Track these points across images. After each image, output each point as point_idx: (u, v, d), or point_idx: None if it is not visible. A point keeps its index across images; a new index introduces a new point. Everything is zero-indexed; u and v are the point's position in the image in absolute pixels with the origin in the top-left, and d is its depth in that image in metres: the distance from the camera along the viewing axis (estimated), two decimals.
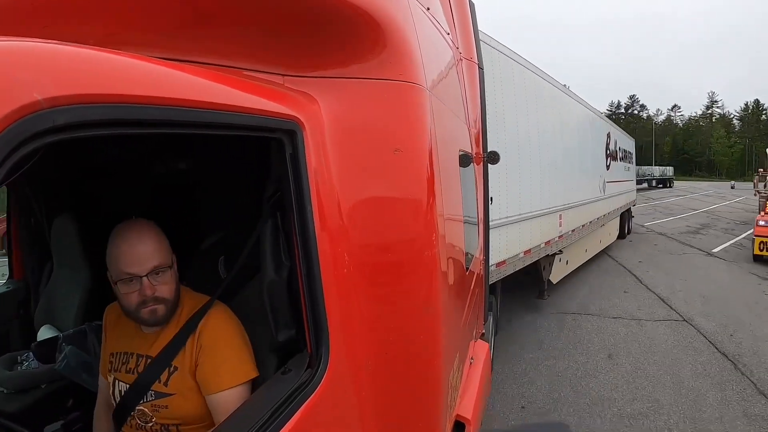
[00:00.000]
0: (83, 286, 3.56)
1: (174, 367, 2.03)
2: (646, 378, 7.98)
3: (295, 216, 1.77)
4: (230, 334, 2.07)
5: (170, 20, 1.84)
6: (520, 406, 7.05)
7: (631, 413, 6.84)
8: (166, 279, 2.00)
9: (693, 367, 8.35)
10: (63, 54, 1.12)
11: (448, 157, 2.66)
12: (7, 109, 0.91)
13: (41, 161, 1.06)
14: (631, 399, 7.27)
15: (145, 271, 1.93)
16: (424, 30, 2.53)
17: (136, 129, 1.26)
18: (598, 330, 10.25)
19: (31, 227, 4.05)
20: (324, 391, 1.77)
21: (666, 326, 10.51)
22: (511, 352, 8.88)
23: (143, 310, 1.97)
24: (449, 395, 2.52)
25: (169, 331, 2.08)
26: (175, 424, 2.05)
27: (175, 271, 2.07)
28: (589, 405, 7.09)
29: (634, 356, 8.90)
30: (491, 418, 6.16)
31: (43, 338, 3.46)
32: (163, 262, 1.99)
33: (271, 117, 1.69)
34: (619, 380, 7.93)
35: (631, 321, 10.87)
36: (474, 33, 4.77)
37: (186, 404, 2.02)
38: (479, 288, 4.41)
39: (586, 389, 7.62)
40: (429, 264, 2.12)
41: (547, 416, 5.58)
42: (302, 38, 1.98)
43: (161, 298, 1.98)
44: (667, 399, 7.24)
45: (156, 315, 1.99)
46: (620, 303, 12.25)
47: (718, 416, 6.72)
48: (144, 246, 1.96)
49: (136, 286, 1.94)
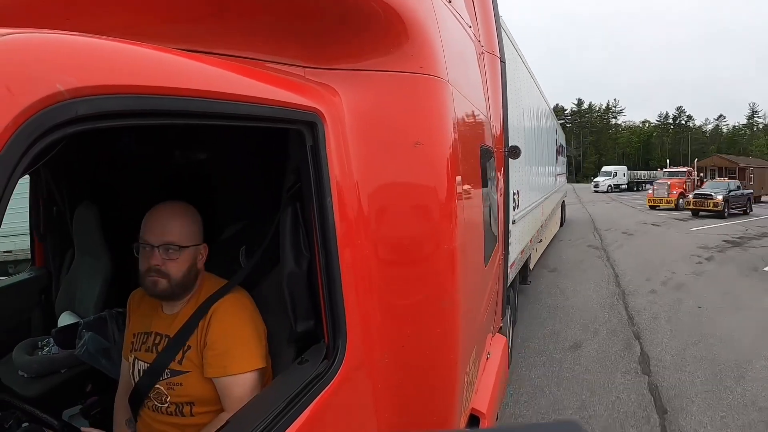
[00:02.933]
0: (104, 274, 3.60)
1: (188, 346, 2.07)
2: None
3: (315, 207, 1.77)
4: (241, 322, 2.09)
5: (192, 12, 1.84)
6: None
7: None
8: (177, 258, 2.06)
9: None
10: (85, 45, 1.12)
11: (469, 151, 2.65)
12: (29, 100, 0.92)
13: (64, 151, 1.07)
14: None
15: (157, 242, 2.03)
16: (445, 22, 2.51)
17: (157, 119, 1.26)
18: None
19: (53, 216, 4.10)
20: (340, 383, 1.77)
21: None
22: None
23: (147, 278, 2.05)
24: (465, 389, 2.51)
25: (186, 312, 2.13)
26: (188, 403, 2.08)
27: (191, 256, 2.11)
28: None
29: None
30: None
31: (64, 324, 3.51)
32: (176, 241, 2.05)
33: (292, 108, 1.68)
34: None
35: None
36: (496, 26, 4.74)
37: (199, 383, 2.05)
38: (497, 282, 4.39)
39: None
40: (448, 258, 2.11)
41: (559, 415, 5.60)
42: (324, 30, 1.97)
43: (165, 272, 2.04)
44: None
45: (156, 287, 2.05)
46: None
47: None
48: (165, 221, 2.06)
49: (148, 254, 2.04)
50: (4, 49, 0.95)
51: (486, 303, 3.46)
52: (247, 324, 2.10)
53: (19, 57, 0.96)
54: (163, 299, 2.15)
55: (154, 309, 2.22)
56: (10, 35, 0.97)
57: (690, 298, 10.94)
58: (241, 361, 2.02)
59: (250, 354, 2.05)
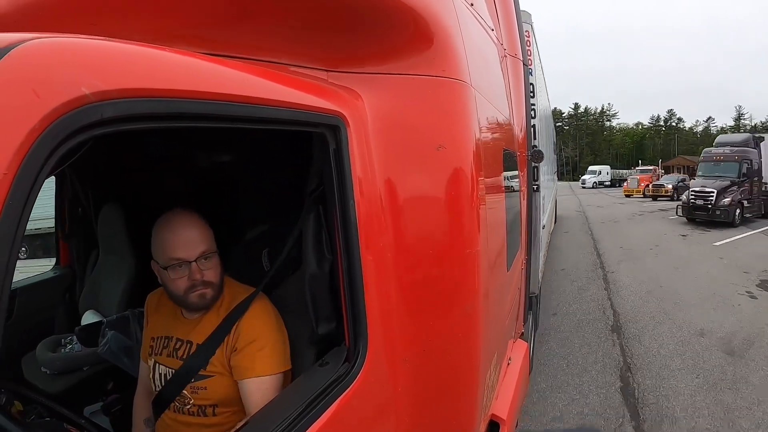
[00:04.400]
0: (127, 274, 3.65)
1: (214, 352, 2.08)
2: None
3: (338, 211, 1.77)
4: (269, 326, 2.10)
5: (216, 16, 1.85)
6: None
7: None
8: (213, 264, 2.07)
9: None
10: (110, 49, 1.14)
11: (492, 155, 2.63)
12: (55, 102, 0.94)
13: (90, 153, 1.08)
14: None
15: (194, 256, 2.00)
16: (467, 26, 2.50)
17: (181, 122, 1.27)
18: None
19: (79, 216, 4.16)
20: (360, 386, 1.77)
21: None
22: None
23: (191, 295, 2.03)
24: (485, 394, 2.49)
25: (210, 318, 2.13)
26: (211, 405, 2.09)
27: (218, 257, 2.12)
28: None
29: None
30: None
31: (87, 323, 3.55)
32: (209, 248, 2.05)
33: (315, 112, 1.68)
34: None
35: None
36: (518, 29, 4.71)
37: (223, 386, 2.06)
38: (520, 287, 4.36)
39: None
40: (470, 262, 2.10)
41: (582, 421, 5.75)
42: (346, 34, 1.97)
43: (209, 282, 2.05)
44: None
45: (205, 298, 2.06)
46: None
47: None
48: (191, 232, 2.03)
49: (185, 272, 2.01)
50: (31, 53, 0.96)
51: (508, 308, 3.44)
52: (274, 328, 2.11)
53: (46, 61, 0.98)
54: (210, 309, 2.14)
55: (173, 313, 2.23)
56: (37, 40, 0.99)
57: (619, 227, 22.62)
58: (269, 363, 2.03)
59: (277, 357, 2.06)
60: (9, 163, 0.88)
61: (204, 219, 2.11)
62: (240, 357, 2.04)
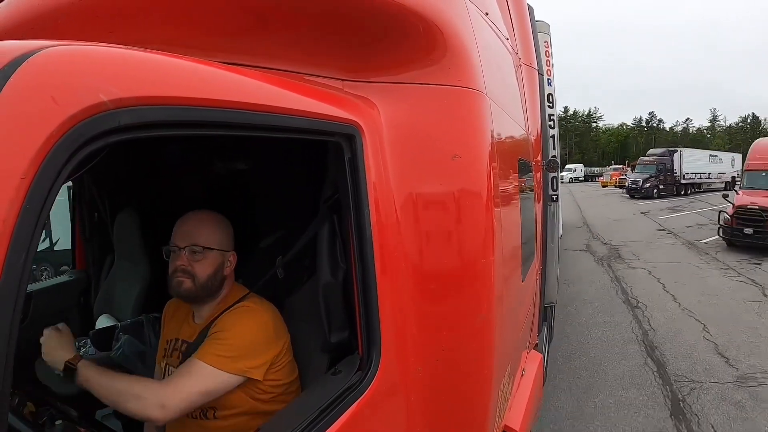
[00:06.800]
0: (142, 279, 3.67)
1: None
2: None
3: (353, 219, 1.77)
4: (245, 327, 2.07)
5: (232, 25, 1.86)
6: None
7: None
8: (201, 259, 2.11)
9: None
10: (128, 57, 1.15)
11: (507, 164, 2.63)
12: (73, 109, 0.95)
13: (107, 159, 1.09)
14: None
15: (184, 244, 2.10)
16: (483, 35, 2.50)
17: (197, 130, 1.28)
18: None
19: (95, 221, 4.19)
20: (373, 395, 1.76)
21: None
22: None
23: (174, 279, 2.10)
24: (498, 405, 2.47)
25: (211, 320, 2.15)
26: (210, 408, 2.07)
27: (217, 260, 2.15)
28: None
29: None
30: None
31: (101, 327, 3.55)
32: (200, 243, 2.10)
33: (331, 121, 1.69)
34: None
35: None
36: (533, 38, 4.70)
37: None
38: (534, 297, 4.33)
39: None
40: (484, 272, 2.09)
41: None
42: (362, 44, 1.98)
43: (190, 272, 2.10)
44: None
45: (181, 287, 2.10)
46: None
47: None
48: (193, 226, 2.13)
49: (176, 256, 2.11)
50: (50, 60, 0.97)
51: (522, 318, 3.42)
52: (250, 331, 2.07)
53: (65, 68, 0.99)
54: (187, 301, 2.19)
55: (186, 317, 2.27)
56: (56, 47, 1.00)
57: (593, 200, 39.65)
58: (219, 357, 1.97)
59: (235, 357, 2.00)
60: (27, 168, 0.89)
61: (227, 222, 2.19)
62: (204, 342, 2.03)
